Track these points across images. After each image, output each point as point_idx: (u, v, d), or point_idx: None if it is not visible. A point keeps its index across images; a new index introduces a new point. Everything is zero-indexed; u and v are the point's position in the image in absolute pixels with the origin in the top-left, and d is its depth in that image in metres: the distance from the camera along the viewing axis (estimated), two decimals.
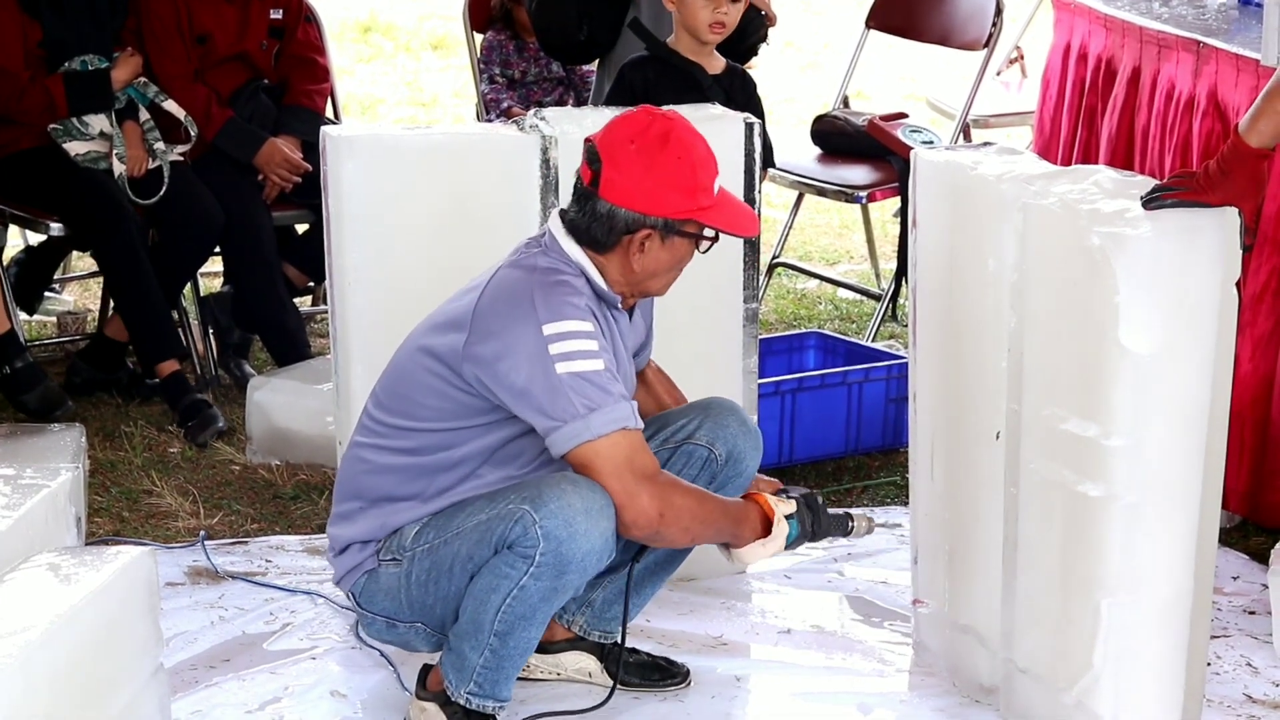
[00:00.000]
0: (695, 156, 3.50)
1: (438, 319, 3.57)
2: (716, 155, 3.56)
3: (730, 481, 3.77)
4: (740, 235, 3.63)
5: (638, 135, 3.49)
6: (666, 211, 3.48)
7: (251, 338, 5.85)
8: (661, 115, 3.53)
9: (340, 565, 3.66)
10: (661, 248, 3.51)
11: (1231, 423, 3.48)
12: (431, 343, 3.54)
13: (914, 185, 3.90)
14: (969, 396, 3.77)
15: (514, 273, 3.51)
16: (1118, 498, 3.40)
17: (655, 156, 3.48)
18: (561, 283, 3.47)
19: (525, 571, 3.43)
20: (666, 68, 5.02)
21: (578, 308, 3.45)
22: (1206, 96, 4.71)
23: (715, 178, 3.53)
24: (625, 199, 3.48)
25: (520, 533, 3.42)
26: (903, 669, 4.03)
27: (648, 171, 3.47)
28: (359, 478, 3.63)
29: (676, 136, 3.49)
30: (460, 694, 3.57)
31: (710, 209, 3.51)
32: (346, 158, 4.13)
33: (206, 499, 4.89)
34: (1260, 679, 3.98)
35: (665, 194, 3.48)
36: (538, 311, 3.42)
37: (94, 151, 5.46)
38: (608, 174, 3.48)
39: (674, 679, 3.92)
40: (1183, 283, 3.34)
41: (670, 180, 3.48)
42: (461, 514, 3.53)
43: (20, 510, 3.47)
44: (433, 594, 3.56)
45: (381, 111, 9.57)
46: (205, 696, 3.86)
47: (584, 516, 3.41)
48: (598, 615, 3.88)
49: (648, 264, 3.53)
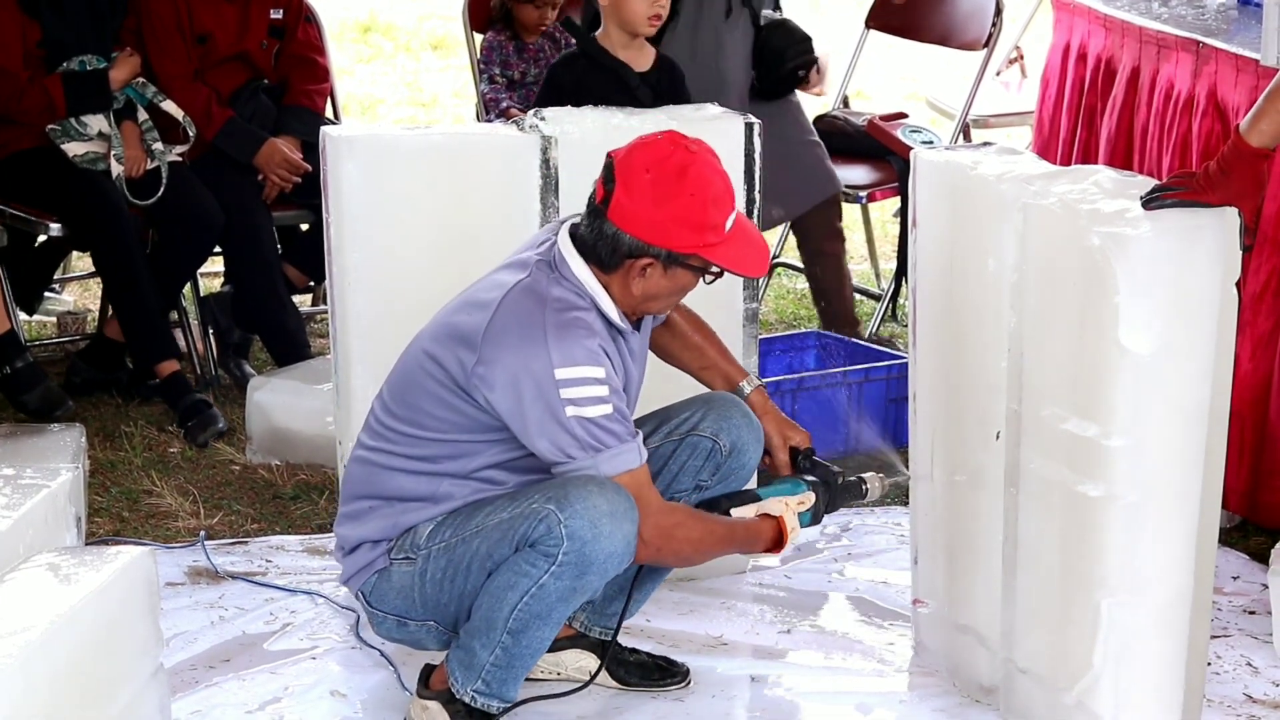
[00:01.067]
0: (710, 194, 3.46)
1: (445, 326, 3.54)
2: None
3: (734, 473, 3.78)
4: (745, 275, 3.61)
5: (655, 164, 3.46)
6: (672, 244, 3.46)
7: (251, 338, 5.85)
8: (683, 146, 3.48)
9: (350, 565, 3.66)
10: (663, 276, 3.50)
11: (1231, 422, 3.48)
12: (439, 353, 3.52)
13: (914, 185, 3.90)
14: (969, 396, 3.77)
15: (526, 301, 3.47)
16: (1118, 498, 3.40)
17: (669, 189, 3.44)
18: (575, 321, 3.45)
19: (546, 570, 3.43)
20: (594, 65, 5.00)
21: (590, 350, 3.43)
22: (1206, 96, 4.71)
23: (729, 214, 3.48)
24: (632, 226, 3.46)
25: (544, 531, 3.42)
26: (903, 669, 4.03)
27: (658, 204, 3.44)
28: (369, 480, 3.62)
29: (695, 171, 3.45)
30: (466, 691, 3.56)
31: (717, 246, 3.47)
32: (346, 158, 4.13)
33: (206, 499, 4.89)
34: (1260, 679, 3.98)
35: (673, 228, 3.45)
36: (550, 352, 3.40)
37: (92, 152, 5.45)
38: (619, 198, 3.46)
39: (674, 679, 3.92)
40: (1183, 283, 3.34)
41: (680, 215, 3.44)
42: (481, 512, 3.53)
43: (20, 510, 3.47)
44: (448, 592, 3.56)
45: (381, 112, 9.56)
46: (205, 696, 3.86)
47: (609, 519, 3.41)
48: (598, 611, 3.88)
49: (648, 288, 3.51)
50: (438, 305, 3.69)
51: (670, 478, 3.77)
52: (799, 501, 3.71)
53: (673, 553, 3.57)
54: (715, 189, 3.47)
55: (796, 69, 5.54)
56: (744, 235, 3.53)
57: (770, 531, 3.67)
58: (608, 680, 3.87)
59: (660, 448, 3.76)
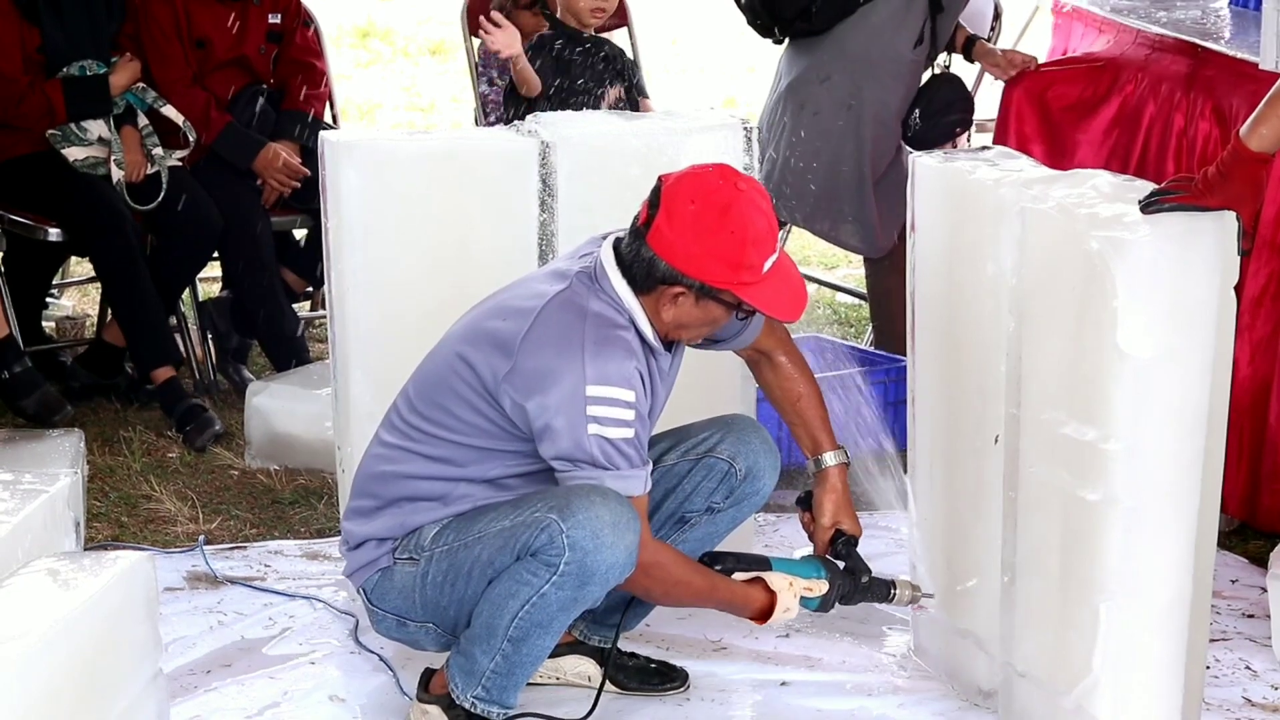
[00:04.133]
0: (751, 234, 3.43)
1: (481, 331, 3.52)
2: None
3: (747, 498, 3.78)
4: (778, 318, 3.60)
5: (701, 196, 3.44)
6: (706, 278, 3.44)
7: (250, 343, 5.85)
8: (732, 182, 3.46)
9: (353, 560, 3.66)
10: (695, 306, 3.48)
11: (1230, 426, 3.48)
12: (472, 356, 3.50)
13: (913, 189, 3.90)
14: (968, 400, 3.77)
15: (566, 314, 3.46)
16: (1117, 502, 3.39)
17: (710, 223, 3.42)
18: (616, 339, 3.44)
19: (548, 580, 3.43)
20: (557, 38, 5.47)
21: (626, 373, 3.42)
22: (1204, 100, 4.71)
23: (769, 256, 3.45)
24: (669, 254, 3.44)
25: (546, 541, 3.42)
26: (901, 673, 4.03)
27: (698, 237, 3.42)
28: (383, 476, 3.61)
29: (738, 210, 3.43)
30: (466, 698, 3.56)
31: (751, 286, 3.45)
32: (345, 163, 4.13)
33: (205, 504, 4.89)
34: (1259, 682, 3.98)
35: (708, 262, 3.43)
36: (585, 368, 3.40)
37: (93, 157, 5.46)
38: (659, 224, 3.45)
39: (673, 683, 3.92)
40: (1181, 287, 3.34)
41: (717, 251, 3.42)
42: (484, 519, 3.52)
43: (19, 515, 3.46)
44: (448, 596, 3.56)
45: (380, 116, 9.57)
46: (204, 702, 3.86)
47: (611, 530, 3.41)
48: (598, 621, 3.88)
49: (679, 316, 3.50)
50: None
51: (683, 497, 3.77)
52: (806, 586, 3.67)
53: (643, 589, 3.56)
54: (757, 229, 3.44)
55: (955, 126, 5.61)
56: (782, 277, 3.50)
57: (759, 602, 3.63)
58: (606, 685, 3.87)
59: (676, 466, 3.76)
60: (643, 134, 4.19)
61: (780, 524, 4.80)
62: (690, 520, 3.77)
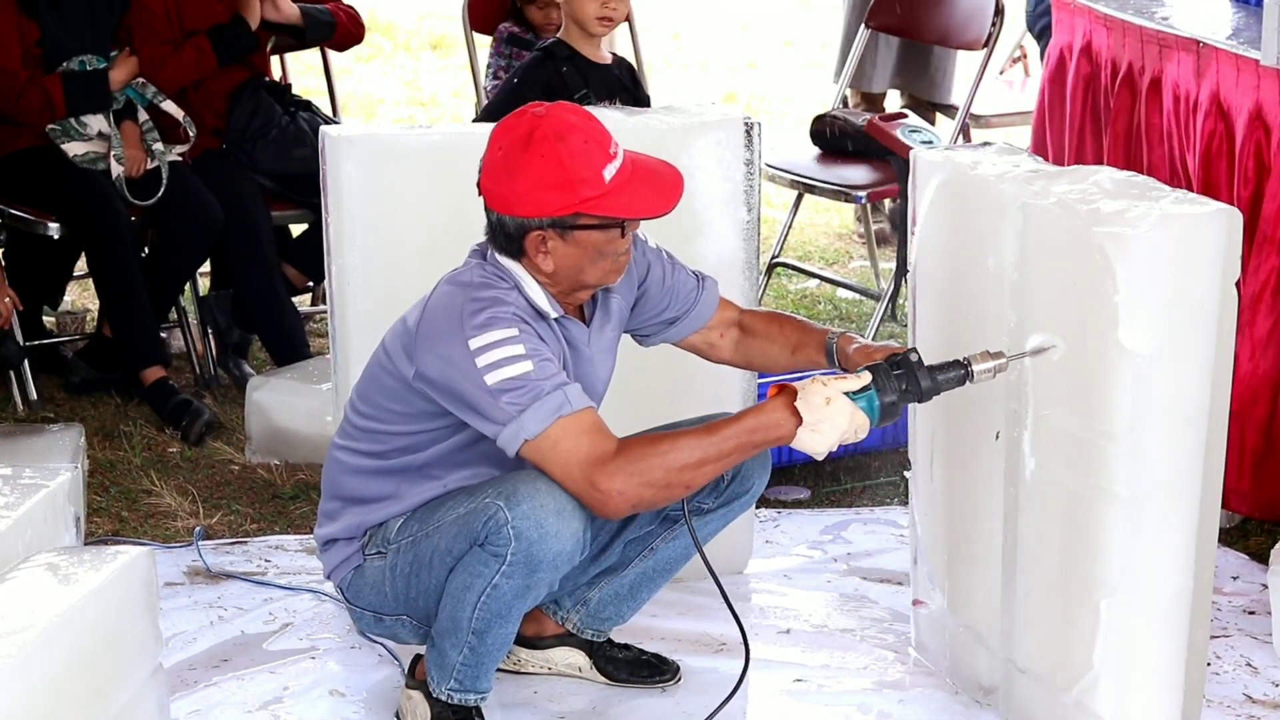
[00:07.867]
0: (565, 150, 3.34)
1: (398, 322, 3.56)
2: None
3: (736, 499, 3.77)
4: (644, 218, 3.46)
5: (503, 139, 3.40)
6: (546, 211, 3.38)
7: (250, 337, 5.86)
8: (530, 114, 3.39)
9: (328, 562, 3.70)
10: (565, 244, 3.41)
11: (1231, 422, 3.48)
12: (390, 346, 3.54)
13: (913, 185, 3.90)
14: (968, 396, 3.76)
15: (449, 290, 3.47)
16: (1117, 497, 3.39)
17: (519, 159, 3.36)
18: (489, 299, 3.41)
19: (497, 570, 3.44)
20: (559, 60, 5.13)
21: (500, 318, 3.37)
22: (1207, 97, 4.70)
23: (603, 165, 3.36)
24: (504, 206, 3.41)
25: (493, 530, 3.42)
26: (902, 669, 4.03)
27: (514, 176, 3.37)
28: (336, 478, 3.67)
29: (541, 135, 3.35)
30: (442, 690, 3.60)
31: (599, 199, 3.37)
32: (346, 158, 4.13)
33: (206, 499, 4.89)
34: (1260, 679, 3.98)
35: (537, 195, 3.36)
36: (464, 329, 3.37)
37: (92, 152, 5.46)
38: (484, 183, 3.43)
39: (664, 675, 3.92)
40: (1182, 282, 3.34)
41: (539, 180, 3.35)
42: (443, 508, 3.55)
43: (19, 510, 3.46)
44: (415, 587, 3.59)
45: (381, 111, 9.57)
46: (204, 696, 3.86)
47: (555, 517, 3.40)
48: (592, 615, 3.88)
49: (560, 262, 3.43)
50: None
51: None
52: (839, 378, 3.39)
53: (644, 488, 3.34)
54: (572, 144, 3.35)
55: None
56: (636, 177, 3.41)
57: (777, 404, 3.38)
58: (596, 676, 3.90)
59: None
60: (643, 129, 4.18)
61: (780, 519, 4.80)
62: (679, 520, 3.75)
